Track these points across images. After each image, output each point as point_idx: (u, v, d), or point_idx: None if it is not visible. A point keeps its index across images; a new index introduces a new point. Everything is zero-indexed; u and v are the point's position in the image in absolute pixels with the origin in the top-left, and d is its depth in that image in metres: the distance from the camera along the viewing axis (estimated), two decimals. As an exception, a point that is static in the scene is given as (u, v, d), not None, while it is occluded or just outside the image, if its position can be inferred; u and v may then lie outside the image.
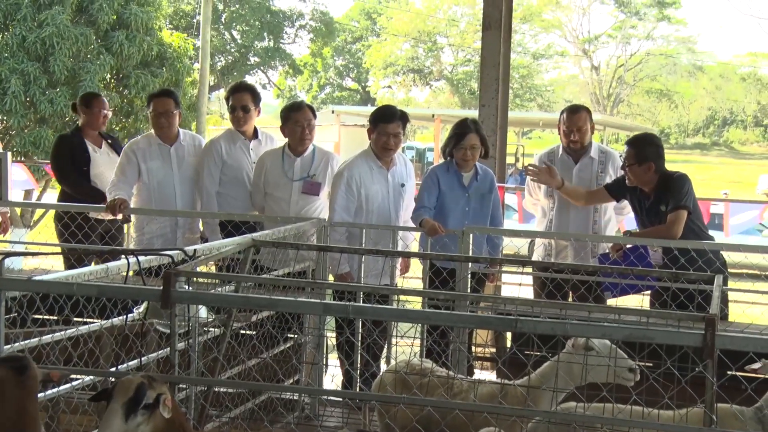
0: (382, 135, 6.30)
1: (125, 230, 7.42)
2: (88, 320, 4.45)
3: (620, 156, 6.49)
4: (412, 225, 6.53)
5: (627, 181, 6.27)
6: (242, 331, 5.26)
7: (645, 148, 6.17)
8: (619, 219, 6.85)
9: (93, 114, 7.27)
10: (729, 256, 6.34)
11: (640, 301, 5.79)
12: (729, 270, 6.25)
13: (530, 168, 6.72)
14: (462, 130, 6.37)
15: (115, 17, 22.30)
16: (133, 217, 6.96)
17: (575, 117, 6.69)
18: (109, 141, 7.52)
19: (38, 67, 21.36)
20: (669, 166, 6.30)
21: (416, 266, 7.16)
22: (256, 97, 6.91)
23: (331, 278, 6.22)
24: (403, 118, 6.41)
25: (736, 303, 6.70)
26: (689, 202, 6.05)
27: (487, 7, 8.45)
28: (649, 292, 6.04)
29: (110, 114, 7.58)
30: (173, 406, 3.10)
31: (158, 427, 3.05)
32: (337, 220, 6.21)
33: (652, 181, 6.16)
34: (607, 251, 6.29)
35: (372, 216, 6.34)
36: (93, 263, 6.42)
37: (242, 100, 6.80)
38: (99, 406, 4.42)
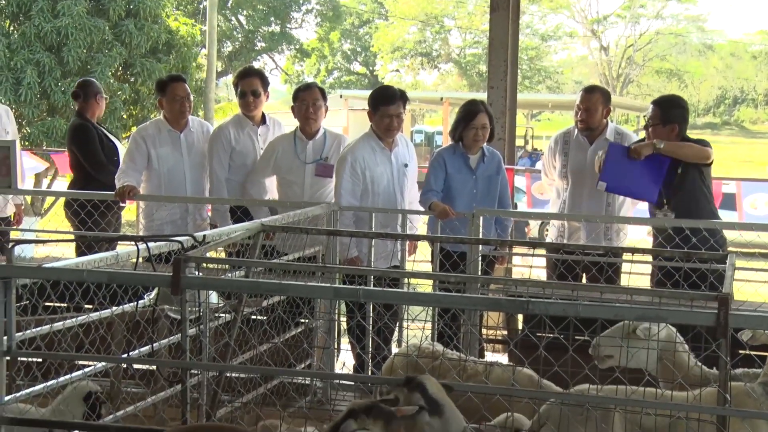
0: (385, 117, 6.28)
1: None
2: (99, 307, 4.45)
3: (644, 116, 6.44)
4: (417, 204, 6.56)
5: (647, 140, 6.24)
6: (253, 317, 5.26)
7: (671, 110, 6.16)
8: (634, 202, 6.79)
9: (96, 102, 7.31)
10: (741, 235, 6.33)
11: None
12: (742, 249, 6.23)
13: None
14: (473, 108, 6.36)
15: (125, 7, 22.38)
16: (142, 204, 6.95)
17: (587, 96, 6.66)
18: (103, 126, 7.58)
19: (53, 57, 21.46)
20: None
21: (425, 249, 7.15)
22: (265, 82, 6.92)
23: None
24: (403, 98, 6.40)
25: (748, 282, 6.67)
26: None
27: None
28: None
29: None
30: None
31: None
32: (344, 204, 6.20)
33: None
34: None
35: (378, 198, 6.34)
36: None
37: (252, 84, 6.81)
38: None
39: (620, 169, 6.14)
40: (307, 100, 6.54)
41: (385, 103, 6.28)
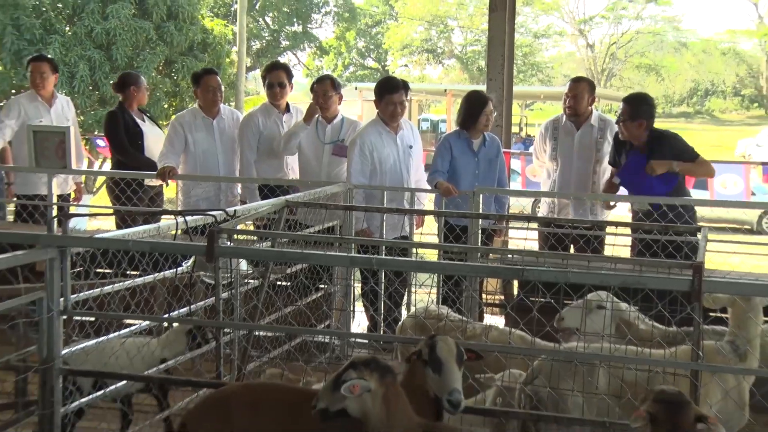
0: (389, 104, 6.27)
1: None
2: (143, 273, 4.46)
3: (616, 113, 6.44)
4: (425, 183, 6.57)
5: (620, 136, 6.25)
6: (278, 282, 5.27)
7: (638, 107, 6.15)
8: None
9: (140, 91, 7.30)
10: (712, 211, 6.31)
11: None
12: (712, 224, 6.23)
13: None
14: (483, 98, 6.38)
15: (166, 10, 22.41)
16: (180, 183, 6.96)
17: (574, 85, 6.71)
18: (148, 114, 7.55)
19: (102, 54, 21.50)
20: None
21: (431, 223, 7.15)
22: (289, 75, 6.95)
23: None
24: (405, 87, 6.38)
25: (718, 253, 6.66)
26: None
27: None
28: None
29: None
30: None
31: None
32: (354, 182, 6.19)
33: (642, 137, 6.15)
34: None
35: (386, 176, 6.32)
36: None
37: (278, 77, 6.83)
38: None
39: (635, 175, 6.17)
40: (319, 92, 6.57)
41: (390, 92, 6.27)
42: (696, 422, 2.74)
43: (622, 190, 6.74)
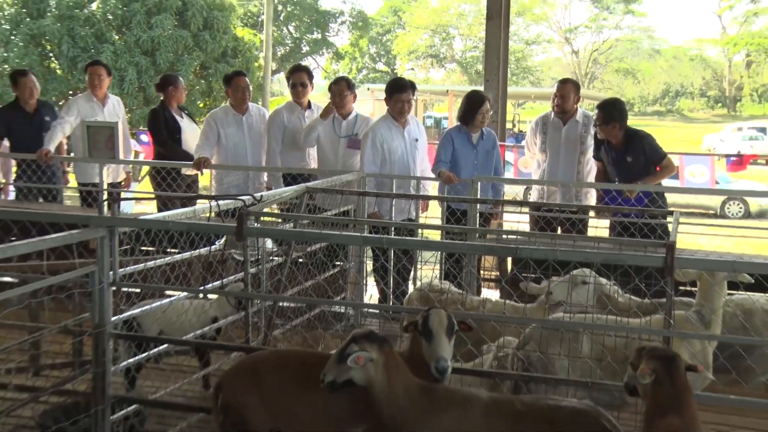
0: (398, 102, 6.21)
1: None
2: (181, 250, 4.45)
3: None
4: (429, 172, 6.52)
5: (598, 135, 6.24)
6: (299, 259, 5.25)
7: (610, 111, 6.14)
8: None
9: (179, 91, 7.28)
10: (682, 197, 6.25)
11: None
12: (682, 209, 6.22)
13: None
14: (479, 98, 6.30)
15: (202, 21, 22.44)
16: (213, 171, 6.94)
17: (561, 85, 6.70)
18: (185, 111, 7.52)
19: (148, 60, 21.57)
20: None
21: (435, 207, 7.11)
22: (310, 76, 6.92)
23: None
24: (412, 86, 6.33)
25: (688, 234, 6.62)
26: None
27: (490, 2, 8.45)
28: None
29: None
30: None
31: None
32: (366, 171, 6.15)
33: (618, 136, 6.15)
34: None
35: (394, 165, 6.27)
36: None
37: (301, 78, 6.80)
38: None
39: (620, 168, 6.22)
40: (335, 91, 6.52)
41: (398, 91, 6.22)
42: (687, 371, 2.74)
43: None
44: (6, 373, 4.24)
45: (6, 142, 7.49)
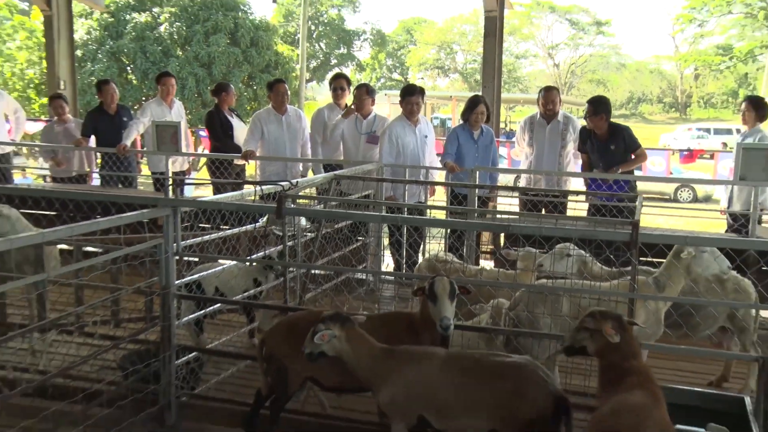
0: (408, 104, 6.15)
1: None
2: (231, 226, 4.46)
3: (583, 110, 6.39)
4: (437, 162, 6.48)
5: (587, 125, 6.20)
6: (328, 234, 5.24)
7: (599, 105, 6.08)
8: (576, 161, 6.66)
9: (230, 96, 7.27)
10: (645, 184, 6.16)
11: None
12: (644, 195, 6.15)
13: None
14: (475, 101, 6.23)
15: (250, 39, 22.39)
16: (258, 162, 6.93)
17: (549, 93, 6.55)
18: (236, 113, 7.51)
19: (205, 71, 21.56)
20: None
21: (441, 192, 7.07)
22: (348, 82, 6.91)
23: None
24: (421, 91, 6.25)
25: (650, 214, 6.56)
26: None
27: (487, 23, 8.43)
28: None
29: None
30: None
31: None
32: (384, 162, 6.10)
33: (603, 128, 6.09)
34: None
35: (407, 157, 6.21)
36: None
37: (340, 83, 6.80)
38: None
39: (603, 156, 6.15)
40: (358, 95, 6.48)
41: (410, 94, 6.16)
42: (631, 326, 2.75)
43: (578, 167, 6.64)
44: (93, 324, 4.31)
45: (92, 139, 7.53)
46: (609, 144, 6.07)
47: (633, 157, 6.13)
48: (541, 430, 2.55)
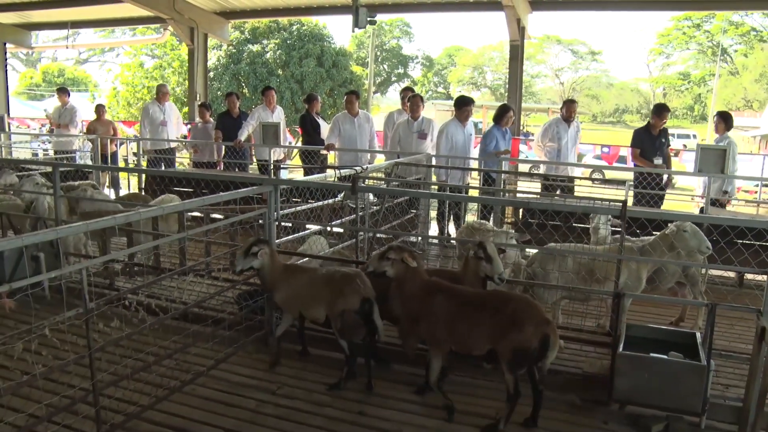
0: (464, 111, 6.04)
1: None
2: (316, 200, 4.47)
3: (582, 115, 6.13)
4: (474, 154, 6.32)
5: (650, 123, 6.10)
6: (389, 207, 5.20)
7: (664, 109, 6.09)
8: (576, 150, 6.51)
9: (317, 103, 7.27)
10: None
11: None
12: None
13: None
14: (506, 108, 6.13)
15: (332, 62, 22.39)
16: (336, 152, 6.92)
17: (572, 105, 6.46)
18: (320, 116, 7.50)
19: (298, 86, 21.71)
20: (596, 135, 6.04)
21: (475, 176, 6.90)
22: (412, 92, 6.81)
23: (434, 177, 6.07)
24: (471, 102, 6.12)
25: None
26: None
27: (512, 50, 8.39)
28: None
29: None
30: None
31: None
32: (442, 153, 6.01)
33: (661, 126, 6.09)
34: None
35: (458, 150, 6.08)
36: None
37: (407, 93, 6.74)
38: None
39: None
40: (411, 102, 6.37)
41: (465, 105, 6.07)
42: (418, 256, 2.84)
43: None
44: (218, 270, 4.43)
45: (220, 135, 7.71)
46: (661, 137, 6.04)
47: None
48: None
